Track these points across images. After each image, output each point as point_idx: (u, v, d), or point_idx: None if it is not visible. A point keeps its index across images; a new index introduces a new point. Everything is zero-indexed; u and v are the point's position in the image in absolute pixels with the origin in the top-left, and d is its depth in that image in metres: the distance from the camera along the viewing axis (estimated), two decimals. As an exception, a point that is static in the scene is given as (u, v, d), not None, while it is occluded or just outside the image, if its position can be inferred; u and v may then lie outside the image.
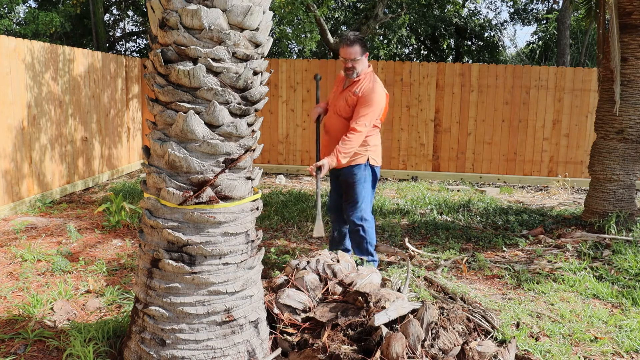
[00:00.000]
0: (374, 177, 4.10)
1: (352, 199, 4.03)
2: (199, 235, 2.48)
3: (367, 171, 4.03)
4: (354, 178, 4.00)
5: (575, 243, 5.04)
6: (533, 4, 18.98)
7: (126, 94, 8.79)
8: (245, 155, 2.56)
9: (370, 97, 3.85)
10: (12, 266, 4.24)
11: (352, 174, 3.99)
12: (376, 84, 3.93)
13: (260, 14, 2.47)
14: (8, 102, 5.82)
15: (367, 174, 4.03)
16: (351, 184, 4.01)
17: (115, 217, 5.45)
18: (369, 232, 4.06)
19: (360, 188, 4.00)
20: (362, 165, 3.99)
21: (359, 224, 4.01)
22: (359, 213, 4.01)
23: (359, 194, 4.00)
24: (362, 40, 3.84)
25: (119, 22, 16.77)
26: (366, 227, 4.03)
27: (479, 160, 8.97)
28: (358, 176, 3.99)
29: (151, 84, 2.49)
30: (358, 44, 3.80)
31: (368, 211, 4.07)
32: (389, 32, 15.69)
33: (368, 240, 4.07)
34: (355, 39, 3.81)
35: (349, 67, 3.84)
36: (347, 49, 3.80)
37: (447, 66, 8.90)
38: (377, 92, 3.89)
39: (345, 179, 4.03)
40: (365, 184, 4.02)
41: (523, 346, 3.05)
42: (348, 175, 4.01)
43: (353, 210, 4.02)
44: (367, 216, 4.04)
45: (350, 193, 4.03)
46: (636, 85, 5.41)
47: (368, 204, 4.07)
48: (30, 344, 2.98)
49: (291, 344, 2.74)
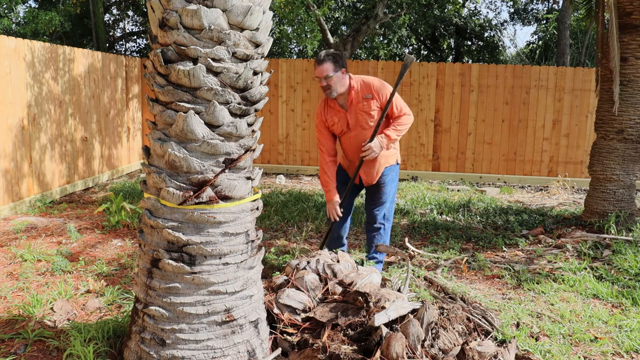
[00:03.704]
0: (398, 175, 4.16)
1: (381, 199, 4.03)
2: (199, 235, 2.48)
3: (396, 171, 4.06)
4: (385, 179, 3.98)
5: (575, 243, 5.04)
6: (533, 4, 18.99)
7: (126, 94, 8.79)
8: (245, 155, 2.56)
9: (387, 90, 3.81)
10: (12, 266, 4.24)
11: (384, 174, 3.97)
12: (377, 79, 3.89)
13: (260, 14, 2.47)
14: (8, 102, 5.82)
15: (395, 174, 4.05)
16: (382, 184, 4.00)
17: (115, 217, 5.45)
18: (387, 232, 4.11)
19: (390, 188, 4.02)
20: (393, 166, 4.02)
21: (382, 223, 4.04)
22: (384, 212, 4.04)
23: (388, 193, 4.02)
24: (334, 56, 3.72)
25: (119, 22, 16.77)
26: (387, 227, 4.08)
27: (479, 160, 8.97)
28: (390, 177, 4.00)
29: (151, 84, 2.49)
30: (329, 61, 3.68)
31: (392, 211, 4.11)
32: (389, 32, 15.69)
33: (384, 240, 4.11)
34: (324, 57, 3.70)
35: (324, 86, 3.73)
36: (318, 67, 3.70)
37: (447, 66, 8.90)
38: (384, 83, 3.86)
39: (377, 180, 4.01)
40: (393, 183, 4.05)
41: (523, 346, 3.05)
42: (381, 177, 3.98)
43: (380, 210, 4.04)
44: (389, 216, 4.08)
45: (380, 193, 4.02)
46: (636, 85, 5.41)
47: (393, 203, 4.11)
48: (30, 344, 2.98)
49: (291, 344, 2.74)
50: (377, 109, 3.82)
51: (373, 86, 3.81)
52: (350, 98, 3.83)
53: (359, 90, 3.82)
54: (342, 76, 3.75)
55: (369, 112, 3.82)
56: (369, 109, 3.81)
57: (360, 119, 3.85)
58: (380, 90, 3.81)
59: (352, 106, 3.84)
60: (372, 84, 3.82)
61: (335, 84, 3.73)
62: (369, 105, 3.81)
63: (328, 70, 3.68)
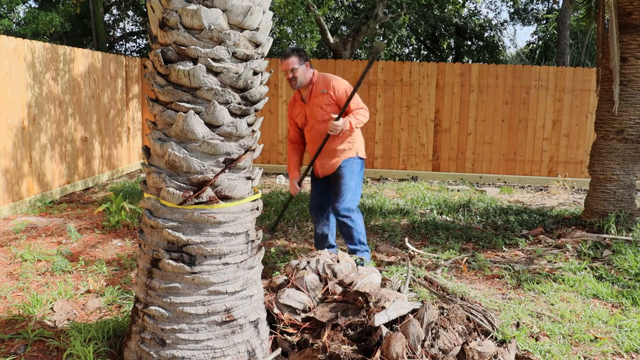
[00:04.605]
0: (362, 170, 4.26)
1: (340, 191, 4.13)
2: (199, 235, 2.48)
3: (356, 164, 4.19)
4: (343, 171, 4.14)
5: (575, 243, 5.04)
6: (533, 4, 19.00)
7: (126, 94, 8.80)
8: (245, 155, 2.56)
9: (343, 85, 4.10)
10: (12, 266, 4.24)
11: (342, 167, 4.14)
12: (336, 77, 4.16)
13: (260, 14, 2.47)
14: (8, 102, 5.82)
15: (355, 167, 4.18)
16: (340, 176, 4.14)
17: (115, 217, 5.45)
18: (357, 222, 4.13)
19: (349, 180, 4.13)
20: (352, 159, 4.17)
21: (347, 215, 4.09)
22: (345, 204, 4.09)
23: (346, 185, 4.12)
24: (298, 51, 4.04)
25: (119, 22, 16.78)
26: (354, 218, 4.10)
27: (479, 160, 8.97)
28: (348, 168, 4.14)
29: (151, 84, 2.49)
30: (294, 55, 4.01)
31: (355, 203, 4.16)
32: (389, 32, 15.69)
33: (358, 230, 4.13)
34: (290, 51, 4.04)
35: (290, 78, 4.04)
36: (284, 61, 4.04)
37: (447, 66, 8.90)
38: (342, 80, 4.13)
39: (335, 173, 4.16)
40: (353, 175, 4.16)
41: (523, 346, 3.05)
42: (338, 169, 4.15)
43: (340, 202, 4.10)
44: (353, 207, 4.12)
45: (339, 185, 4.15)
46: (636, 85, 5.41)
47: (356, 196, 4.17)
48: (30, 344, 2.98)
49: (291, 344, 2.74)
50: (331, 103, 4.08)
51: (329, 82, 4.08)
52: (310, 91, 4.12)
53: (318, 85, 4.10)
54: (306, 69, 4.06)
55: (322, 105, 4.09)
56: (323, 102, 4.08)
57: (315, 112, 4.13)
58: (335, 86, 4.07)
59: (311, 99, 4.13)
60: (329, 80, 4.10)
61: (300, 76, 4.04)
62: (323, 99, 4.08)
63: (294, 63, 4.00)
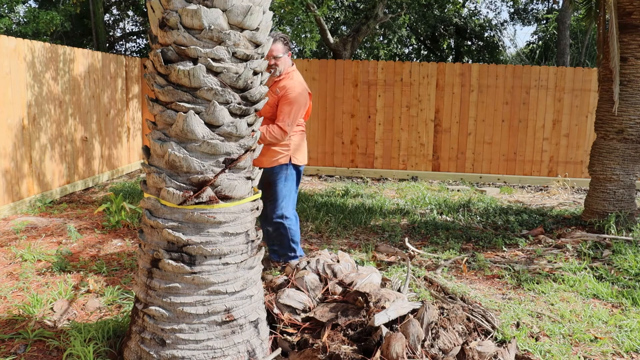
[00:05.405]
0: (297, 176, 4.18)
1: (272, 197, 4.08)
2: (199, 235, 2.48)
3: (289, 171, 4.10)
4: (275, 177, 4.06)
5: (575, 243, 5.04)
6: (533, 4, 19.00)
7: (126, 94, 8.80)
8: (245, 155, 2.56)
9: (291, 96, 3.95)
10: (12, 266, 4.24)
11: (274, 173, 4.06)
12: (297, 82, 4.01)
13: (260, 14, 2.47)
14: (8, 102, 5.82)
15: (288, 173, 4.10)
16: (272, 182, 4.07)
17: (115, 217, 5.45)
18: (291, 229, 4.10)
19: (281, 187, 4.07)
20: (284, 165, 4.08)
21: (280, 222, 4.06)
22: (279, 211, 4.06)
23: (279, 192, 4.07)
24: (284, 39, 3.98)
25: (119, 22, 16.79)
26: (287, 225, 4.08)
27: (479, 160, 8.98)
28: (279, 175, 4.07)
29: (151, 84, 2.49)
30: (280, 42, 3.93)
31: (289, 209, 4.12)
32: (389, 32, 15.70)
33: (290, 237, 4.12)
34: (278, 38, 3.94)
35: (271, 64, 3.94)
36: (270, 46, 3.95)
37: (447, 66, 8.90)
38: (298, 91, 3.97)
39: (266, 178, 4.08)
40: (286, 182, 4.09)
41: (523, 346, 3.05)
42: (270, 175, 4.07)
43: (274, 209, 4.07)
44: (287, 214, 4.09)
45: (271, 192, 4.09)
46: (636, 85, 5.41)
47: (289, 202, 4.12)
48: (30, 344, 2.98)
49: (291, 344, 2.74)
50: (273, 105, 3.97)
51: (286, 90, 3.95)
52: (273, 81, 4.03)
53: (280, 83, 4.00)
54: (286, 59, 4.01)
55: (272, 105, 3.99)
56: (272, 103, 3.99)
57: (265, 107, 4.05)
58: (286, 93, 3.93)
59: (269, 93, 4.03)
60: (289, 85, 3.96)
61: (280, 65, 3.97)
62: (273, 100, 3.99)
63: (279, 51, 3.93)
